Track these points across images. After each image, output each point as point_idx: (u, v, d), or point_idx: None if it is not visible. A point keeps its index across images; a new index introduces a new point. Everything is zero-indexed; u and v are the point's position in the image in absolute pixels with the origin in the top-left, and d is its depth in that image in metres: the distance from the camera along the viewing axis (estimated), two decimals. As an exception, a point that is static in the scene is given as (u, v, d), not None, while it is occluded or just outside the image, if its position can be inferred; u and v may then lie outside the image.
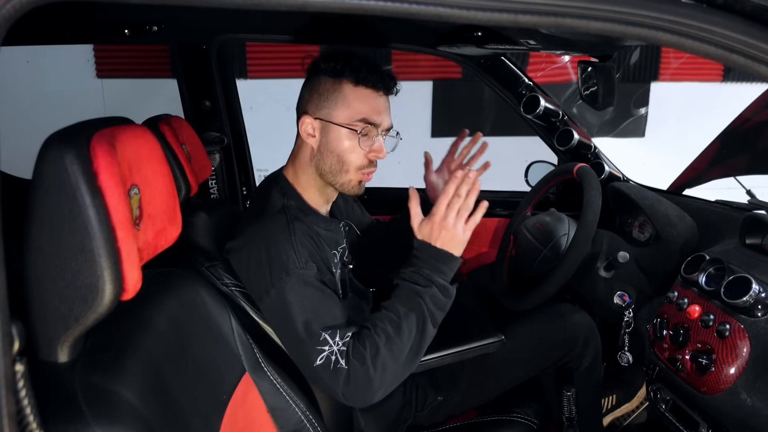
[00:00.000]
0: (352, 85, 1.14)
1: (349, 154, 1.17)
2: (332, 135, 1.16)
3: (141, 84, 4.20)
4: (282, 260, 1.08)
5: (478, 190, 1.10)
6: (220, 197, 2.05)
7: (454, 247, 1.10)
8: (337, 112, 1.15)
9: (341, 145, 1.16)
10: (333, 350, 1.04)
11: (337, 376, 1.03)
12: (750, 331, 1.04)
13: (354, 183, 1.20)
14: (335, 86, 1.15)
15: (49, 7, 0.52)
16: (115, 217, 0.61)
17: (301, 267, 1.08)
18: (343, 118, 1.15)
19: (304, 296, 1.07)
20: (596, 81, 1.36)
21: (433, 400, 1.38)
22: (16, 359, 0.53)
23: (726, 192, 1.64)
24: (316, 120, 1.17)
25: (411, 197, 1.15)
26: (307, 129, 1.18)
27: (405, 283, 1.10)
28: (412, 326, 1.07)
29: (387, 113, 1.19)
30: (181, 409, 0.76)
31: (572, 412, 1.48)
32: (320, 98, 1.16)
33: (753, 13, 0.56)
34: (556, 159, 1.93)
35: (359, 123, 1.15)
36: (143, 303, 0.78)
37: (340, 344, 1.04)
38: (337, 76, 1.15)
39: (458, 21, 0.55)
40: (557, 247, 1.43)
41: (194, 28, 1.75)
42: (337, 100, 1.15)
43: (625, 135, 4.72)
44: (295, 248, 1.09)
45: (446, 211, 1.09)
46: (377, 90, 1.16)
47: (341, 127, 1.15)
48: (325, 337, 1.04)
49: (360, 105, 1.15)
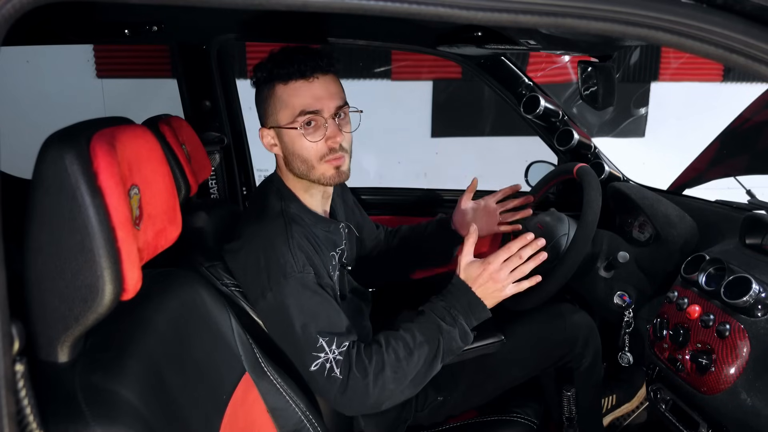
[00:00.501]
0: (282, 84, 1.14)
1: (306, 150, 1.16)
2: (286, 139, 1.17)
3: (141, 84, 4.20)
4: (280, 264, 1.08)
5: (539, 262, 1.13)
6: (220, 197, 2.05)
7: (491, 300, 1.13)
8: (280, 115, 1.15)
9: (296, 145, 1.16)
10: (329, 358, 1.05)
11: (330, 383, 1.05)
12: (750, 331, 1.04)
13: (329, 173, 1.18)
14: (270, 92, 1.16)
15: (49, 7, 0.52)
16: (115, 217, 0.61)
17: (299, 271, 1.08)
18: (286, 119, 1.15)
19: (301, 300, 1.07)
20: (596, 81, 1.36)
21: (433, 400, 1.38)
22: (16, 359, 0.53)
23: (726, 192, 1.64)
24: (270, 129, 1.18)
25: (470, 234, 1.16)
26: (268, 141, 1.20)
27: (431, 315, 1.12)
28: (422, 356, 1.08)
29: (329, 95, 1.14)
30: (181, 409, 0.76)
31: (572, 412, 1.48)
32: (266, 108, 1.18)
33: (753, 13, 0.56)
34: (556, 159, 1.93)
35: (299, 118, 1.13)
36: (143, 303, 0.78)
37: (336, 353, 1.05)
38: (269, 81, 1.15)
39: (458, 21, 0.55)
40: (557, 247, 1.43)
41: (194, 28, 1.75)
42: (276, 105, 1.15)
43: (625, 135, 4.72)
44: (292, 252, 1.09)
45: (502, 265, 1.11)
46: (307, 78, 1.13)
47: (288, 129, 1.15)
48: (322, 344, 1.05)
49: (295, 100, 1.14)
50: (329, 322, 1.08)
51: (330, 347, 1.05)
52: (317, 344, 1.05)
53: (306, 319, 1.06)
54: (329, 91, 1.15)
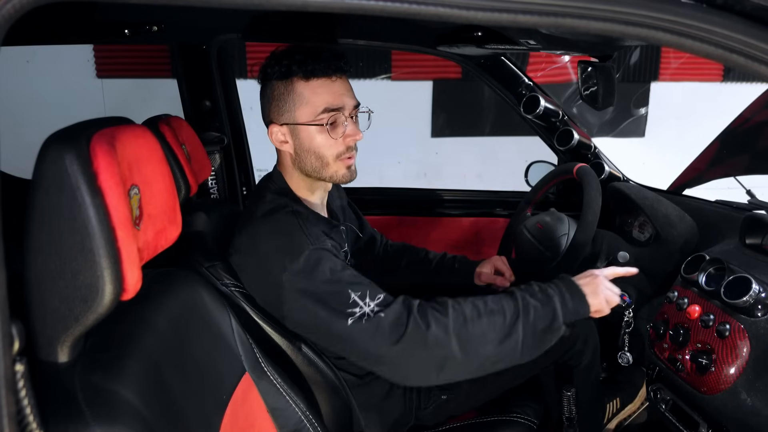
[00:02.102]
0: (303, 81, 1.13)
1: (325, 148, 1.16)
2: (303, 136, 1.16)
3: (141, 84, 4.21)
4: (293, 244, 1.06)
5: None
6: (220, 197, 2.05)
7: (592, 293, 1.08)
8: (299, 112, 1.14)
9: (315, 142, 1.15)
10: (364, 312, 1.00)
11: (378, 334, 0.98)
12: (750, 331, 1.04)
13: (341, 172, 1.18)
14: (288, 87, 1.14)
15: (49, 7, 0.52)
16: (115, 217, 0.61)
17: (313, 245, 1.06)
18: (307, 116, 1.14)
19: (324, 266, 1.04)
20: (596, 81, 1.36)
21: (437, 399, 1.37)
22: (16, 359, 0.53)
23: (726, 192, 1.64)
24: (283, 126, 1.17)
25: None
26: (278, 137, 1.18)
27: (517, 290, 1.06)
28: (494, 325, 1.00)
29: (348, 93, 1.17)
30: (181, 409, 0.76)
31: (572, 412, 1.48)
32: (279, 104, 1.15)
33: (753, 13, 0.56)
34: (556, 159, 1.93)
35: (323, 115, 1.13)
36: (143, 303, 0.78)
37: (371, 305, 1.00)
38: (287, 76, 1.13)
39: (458, 21, 0.55)
40: (557, 247, 1.43)
41: (194, 28, 1.75)
42: (295, 101, 1.14)
43: (625, 135, 4.72)
44: (304, 230, 1.08)
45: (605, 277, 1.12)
46: (329, 76, 1.14)
47: (308, 125, 1.14)
48: (354, 299, 1.01)
49: (317, 98, 1.13)
50: (357, 279, 1.05)
51: (364, 300, 1.01)
52: (350, 300, 1.01)
53: (333, 279, 1.02)
54: (348, 91, 1.17)
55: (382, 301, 1.02)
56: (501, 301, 1.04)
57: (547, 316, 1.03)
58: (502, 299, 1.04)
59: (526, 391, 1.48)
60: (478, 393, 1.41)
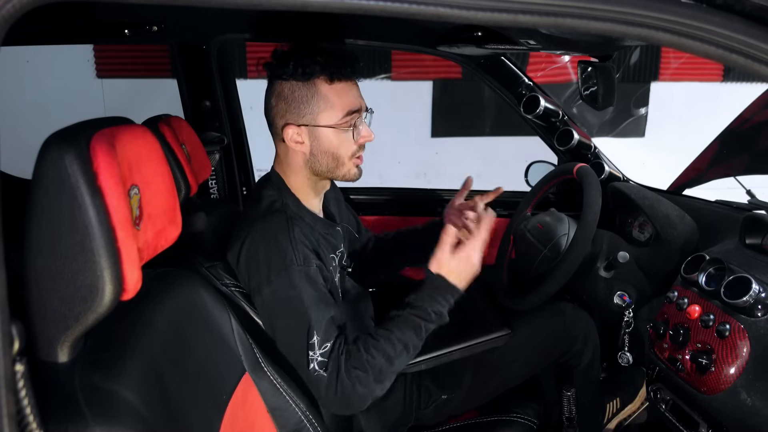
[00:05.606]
0: (327, 83, 1.13)
1: (343, 149, 1.17)
2: (323, 137, 1.16)
3: (141, 84, 4.21)
4: (280, 257, 1.07)
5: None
6: (220, 197, 2.06)
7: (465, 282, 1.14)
8: (322, 114, 1.14)
9: (334, 144, 1.16)
10: (313, 362, 1.05)
11: (317, 381, 1.05)
12: (750, 331, 1.04)
13: (353, 171, 1.21)
14: (310, 89, 1.13)
15: (49, 7, 0.52)
16: (115, 217, 0.61)
17: (299, 264, 1.07)
18: (330, 119, 1.14)
19: (302, 291, 1.06)
20: (596, 81, 1.36)
21: (437, 399, 1.37)
22: (16, 359, 0.53)
23: (726, 192, 1.63)
24: (301, 127, 1.15)
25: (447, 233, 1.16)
26: (294, 138, 1.16)
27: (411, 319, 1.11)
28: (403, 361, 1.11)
29: (361, 95, 1.19)
30: (181, 409, 0.76)
31: (572, 412, 1.48)
32: (298, 105, 1.14)
33: (753, 13, 0.56)
34: (556, 159, 1.93)
35: (347, 117, 1.14)
36: (143, 303, 0.78)
37: (318, 357, 1.05)
38: (309, 77, 1.12)
39: (458, 21, 0.55)
40: (557, 247, 1.43)
41: (194, 28, 1.75)
42: (318, 103, 1.13)
43: (625, 135, 4.72)
44: (293, 245, 1.09)
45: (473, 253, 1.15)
46: (351, 79, 1.15)
47: (331, 128, 1.15)
48: (312, 342, 1.05)
49: (341, 101, 1.14)
50: (322, 315, 1.07)
51: (314, 350, 1.05)
52: (310, 340, 1.05)
53: (301, 311, 1.06)
54: (360, 93, 1.19)
55: (325, 353, 1.05)
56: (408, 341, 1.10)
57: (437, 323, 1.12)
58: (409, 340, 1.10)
59: (526, 391, 1.48)
60: (478, 393, 1.41)
